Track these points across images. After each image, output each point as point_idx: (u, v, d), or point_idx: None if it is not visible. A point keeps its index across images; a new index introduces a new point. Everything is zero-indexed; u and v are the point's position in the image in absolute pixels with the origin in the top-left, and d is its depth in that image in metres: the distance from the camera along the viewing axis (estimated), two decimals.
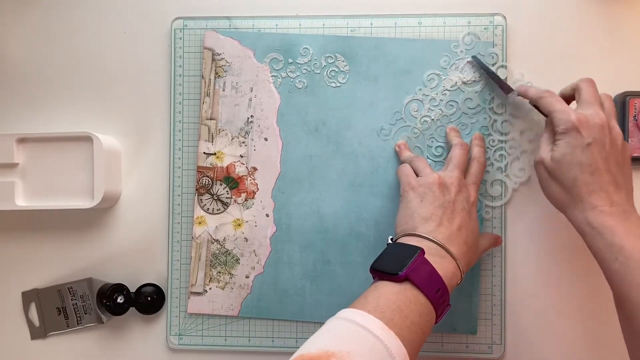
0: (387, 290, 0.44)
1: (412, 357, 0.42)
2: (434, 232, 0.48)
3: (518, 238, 0.58)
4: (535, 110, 0.54)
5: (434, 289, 0.44)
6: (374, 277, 0.47)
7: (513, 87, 0.56)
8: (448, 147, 0.57)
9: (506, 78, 0.57)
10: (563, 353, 0.57)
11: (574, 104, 0.52)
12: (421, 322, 0.43)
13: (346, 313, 0.42)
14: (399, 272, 0.44)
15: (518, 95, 0.55)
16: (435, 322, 0.45)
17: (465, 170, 0.54)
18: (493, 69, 0.57)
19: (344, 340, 0.39)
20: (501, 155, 0.58)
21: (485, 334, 0.58)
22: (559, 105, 0.49)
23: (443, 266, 0.46)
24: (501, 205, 0.58)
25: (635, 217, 0.46)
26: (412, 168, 0.53)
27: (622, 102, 0.56)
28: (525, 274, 0.58)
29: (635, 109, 0.56)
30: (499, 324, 0.58)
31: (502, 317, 0.58)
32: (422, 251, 0.45)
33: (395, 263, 0.45)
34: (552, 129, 0.50)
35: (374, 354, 0.39)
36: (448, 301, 0.46)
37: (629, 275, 0.43)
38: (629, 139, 0.56)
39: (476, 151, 0.55)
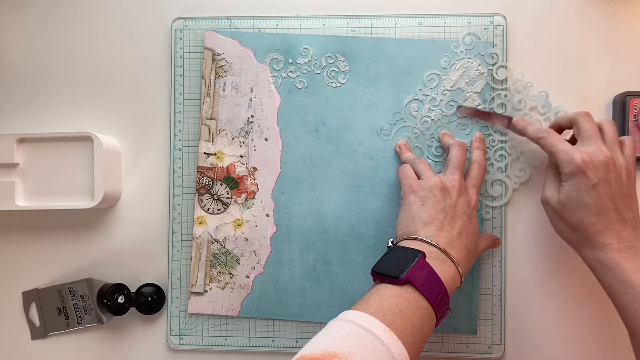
0: (389, 293, 0.44)
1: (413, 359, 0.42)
2: (434, 236, 0.48)
3: (518, 238, 0.58)
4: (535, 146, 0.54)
5: (434, 293, 0.44)
6: (374, 280, 0.47)
7: (510, 114, 0.56)
8: (445, 149, 0.57)
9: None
10: (563, 353, 0.57)
11: (566, 132, 0.53)
12: (422, 325, 0.43)
13: (348, 315, 0.42)
14: (401, 275, 0.44)
15: (514, 131, 0.55)
16: (435, 326, 0.46)
17: (465, 172, 0.54)
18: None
19: (346, 341, 0.40)
20: (501, 155, 0.58)
21: (485, 334, 0.58)
22: (560, 146, 0.49)
23: (444, 270, 0.46)
24: (501, 205, 0.58)
25: None
26: (412, 169, 0.53)
27: (622, 102, 0.56)
28: (525, 274, 0.58)
29: (635, 109, 0.56)
30: (499, 324, 0.58)
31: (502, 317, 0.58)
32: (424, 255, 0.45)
33: (397, 266, 0.45)
34: (555, 167, 0.50)
35: (376, 356, 0.39)
36: (448, 305, 0.46)
37: None
38: None
39: (477, 154, 0.55)
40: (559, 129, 0.53)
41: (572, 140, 0.51)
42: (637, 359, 0.47)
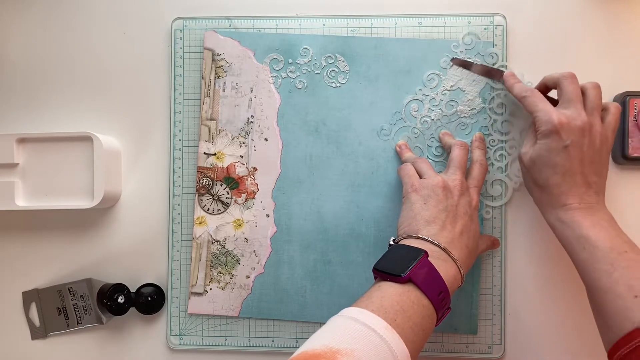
0: (391, 291, 0.44)
1: (414, 358, 0.42)
2: (436, 235, 0.48)
3: (518, 238, 0.58)
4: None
5: (436, 292, 0.44)
6: (375, 277, 0.47)
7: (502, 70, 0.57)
8: (445, 150, 0.57)
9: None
10: (563, 353, 0.57)
11: (553, 92, 0.53)
12: (423, 324, 0.43)
13: (350, 311, 0.43)
14: (403, 274, 0.44)
15: (504, 84, 0.55)
16: (436, 325, 0.46)
17: (466, 172, 0.54)
18: (482, 63, 0.57)
19: (348, 338, 0.40)
20: (501, 155, 0.58)
21: (485, 334, 0.58)
22: (542, 105, 0.50)
23: (445, 269, 0.46)
24: (501, 205, 0.58)
25: (602, 212, 0.49)
26: (414, 168, 0.53)
27: (622, 102, 0.56)
28: (525, 273, 0.58)
29: (635, 109, 0.56)
30: (499, 324, 0.58)
31: (502, 317, 0.58)
32: (426, 254, 0.45)
33: (399, 264, 0.45)
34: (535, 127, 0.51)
35: (377, 353, 0.39)
36: (449, 304, 0.46)
37: (597, 264, 0.46)
38: (629, 139, 0.56)
39: (477, 154, 0.55)
40: (546, 89, 0.54)
41: (557, 103, 0.51)
42: (593, 312, 0.48)
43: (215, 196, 0.59)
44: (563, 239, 0.49)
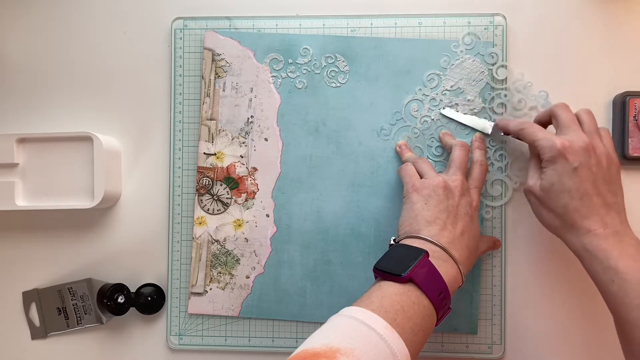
0: (391, 291, 0.44)
1: (413, 358, 0.42)
2: (437, 235, 0.48)
3: (518, 238, 0.58)
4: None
5: (436, 292, 0.44)
6: (376, 277, 0.47)
7: (490, 125, 0.57)
8: (446, 150, 0.57)
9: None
10: (563, 353, 0.57)
11: (550, 128, 0.53)
12: (423, 324, 0.43)
13: (350, 311, 0.43)
14: (403, 274, 0.44)
15: (499, 130, 0.56)
16: (436, 325, 0.46)
17: (467, 173, 0.54)
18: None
19: (348, 337, 0.40)
20: (501, 155, 0.58)
21: (485, 334, 0.58)
22: (541, 134, 0.50)
23: (446, 270, 0.46)
24: (501, 205, 0.58)
25: (629, 237, 0.47)
26: (414, 168, 0.53)
27: (622, 102, 0.56)
28: (526, 273, 0.58)
29: (635, 109, 0.56)
30: (499, 324, 0.58)
31: (502, 317, 0.58)
32: (427, 254, 0.45)
33: (400, 264, 0.45)
34: (537, 157, 0.51)
35: (377, 352, 0.39)
36: (449, 304, 0.46)
37: (626, 297, 0.44)
38: (629, 139, 0.56)
39: (478, 154, 0.55)
40: (541, 125, 0.53)
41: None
42: (622, 346, 0.47)
43: (215, 196, 0.59)
44: (590, 270, 0.47)
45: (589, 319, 0.58)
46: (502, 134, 0.56)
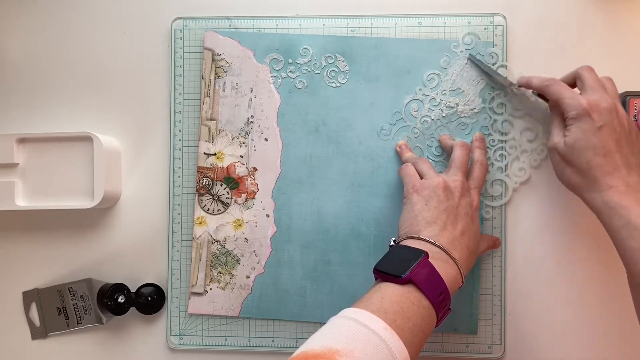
0: (391, 292, 0.44)
1: (413, 359, 0.42)
2: (437, 236, 0.48)
3: (518, 238, 0.58)
4: (539, 101, 0.55)
5: (436, 293, 0.44)
6: (376, 278, 0.47)
7: (513, 81, 0.57)
8: (446, 150, 0.57)
9: (507, 77, 0.57)
10: (563, 353, 0.57)
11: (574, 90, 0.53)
12: (423, 325, 0.43)
13: (350, 312, 0.43)
14: (403, 275, 0.44)
15: (519, 87, 0.56)
16: (436, 326, 0.45)
17: (467, 173, 0.54)
18: (493, 68, 0.57)
19: (347, 338, 0.40)
20: (501, 155, 0.58)
21: (485, 334, 0.58)
22: (567, 92, 0.50)
23: (446, 270, 0.46)
24: (501, 205, 0.58)
25: None
26: (415, 169, 0.53)
27: (622, 102, 0.56)
28: (525, 274, 0.58)
29: (635, 109, 0.56)
30: (499, 324, 0.58)
31: (502, 317, 0.58)
32: (426, 255, 0.45)
33: (400, 265, 0.45)
34: (561, 116, 0.51)
35: (377, 354, 0.39)
36: (449, 305, 0.46)
37: None
38: None
39: (478, 154, 0.55)
40: None
41: None
42: (633, 298, 0.47)
43: (215, 196, 0.59)
44: (609, 226, 0.47)
45: (589, 318, 0.58)
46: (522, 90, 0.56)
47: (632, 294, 0.48)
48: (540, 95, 0.55)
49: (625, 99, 0.56)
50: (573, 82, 0.53)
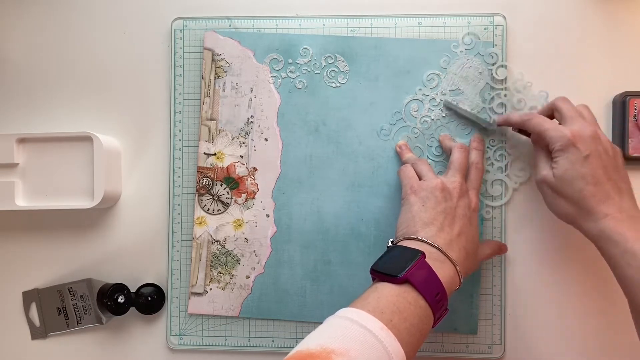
0: (387, 292, 0.44)
1: (410, 359, 0.42)
2: (434, 237, 0.48)
3: (518, 238, 0.58)
4: (522, 137, 0.56)
5: (433, 293, 0.44)
6: (373, 278, 0.47)
7: (491, 120, 0.57)
8: (446, 152, 0.57)
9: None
10: (563, 353, 0.57)
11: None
12: (419, 325, 0.43)
13: (346, 312, 0.43)
14: (400, 275, 0.44)
15: (498, 125, 0.57)
16: (433, 326, 0.45)
17: (466, 175, 0.54)
18: (470, 110, 0.57)
19: (343, 338, 0.40)
20: (501, 155, 0.58)
21: (485, 334, 0.58)
22: (548, 124, 0.50)
23: (443, 271, 0.46)
24: (501, 205, 0.58)
25: None
26: (414, 170, 0.53)
27: (622, 102, 0.56)
28: (526, 274, 0.58)
29: (635, 109, 0.56)
30: (499, 324, 0.58)
31: (502, 317, 0.58)
32: (423, 255, 0.45)
33: (396, 265, 0.45)
34: (545, 148, 0.51)
35: (372, 354, 0.39)
36: (446, 306, 0.46)
37: None
38: (629, 139, 0.56)
39: (474, 156, 0.55)
40: None
41: None
42: (637, 330, 0.47)
43: (215, 196, 0.59)
44: (607, 254, 0.47)
45: (590, 318, 0.58)
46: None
47: (634, 321, 0.47)
48: (521, 130, 0.55)
49: (625, 99, 0.56)
50: (550, 113, 0.53)
